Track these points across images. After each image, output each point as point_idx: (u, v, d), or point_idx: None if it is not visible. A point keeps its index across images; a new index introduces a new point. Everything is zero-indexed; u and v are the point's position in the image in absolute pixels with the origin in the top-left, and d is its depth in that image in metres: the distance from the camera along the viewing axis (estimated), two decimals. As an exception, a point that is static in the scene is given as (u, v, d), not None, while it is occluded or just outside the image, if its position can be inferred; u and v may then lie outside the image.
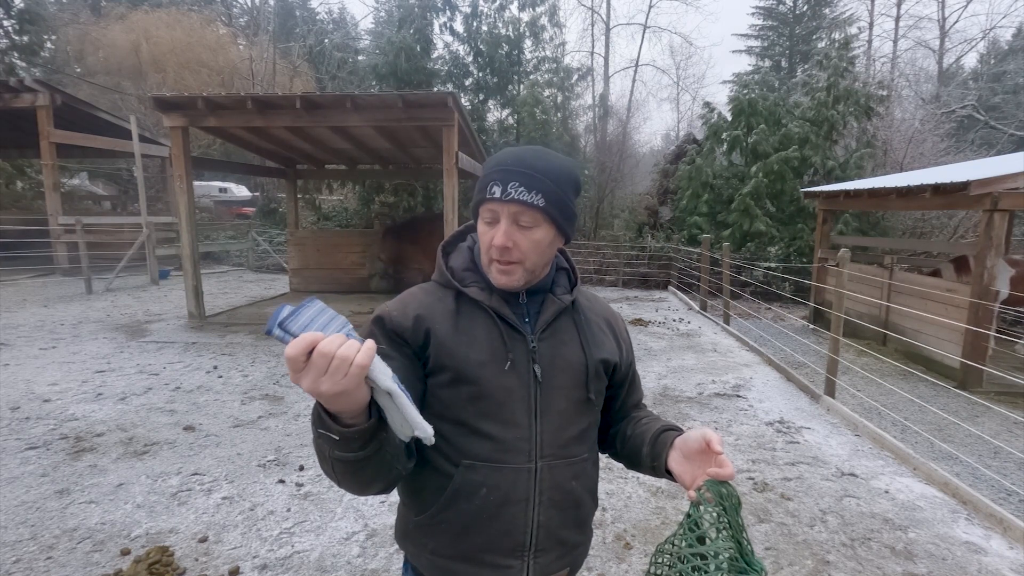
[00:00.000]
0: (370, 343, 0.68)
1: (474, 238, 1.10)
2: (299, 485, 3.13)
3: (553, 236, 0.96)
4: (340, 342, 0.66)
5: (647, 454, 1.01)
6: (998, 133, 18.35)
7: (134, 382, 4.84)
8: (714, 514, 0.84)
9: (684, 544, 0.85)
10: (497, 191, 0.91)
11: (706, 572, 0.81)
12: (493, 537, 0.95)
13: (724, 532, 0.83)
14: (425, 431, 0.75)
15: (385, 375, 0.71)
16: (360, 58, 20.29)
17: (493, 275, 0.97)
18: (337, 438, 0.73)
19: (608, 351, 1.05)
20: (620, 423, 1.14)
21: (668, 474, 0.96)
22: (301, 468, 3.33)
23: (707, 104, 13.01)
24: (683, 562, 0.84)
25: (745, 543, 0.85)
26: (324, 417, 0.73)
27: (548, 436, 0.97)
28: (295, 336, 0.66)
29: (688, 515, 0.87)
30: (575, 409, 1.01)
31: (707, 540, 0.83)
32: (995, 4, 40.36)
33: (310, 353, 0.65)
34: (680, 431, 0.99)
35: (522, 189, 0.90)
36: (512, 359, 0.95)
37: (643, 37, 27.86)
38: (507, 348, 0.95)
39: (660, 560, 0.90)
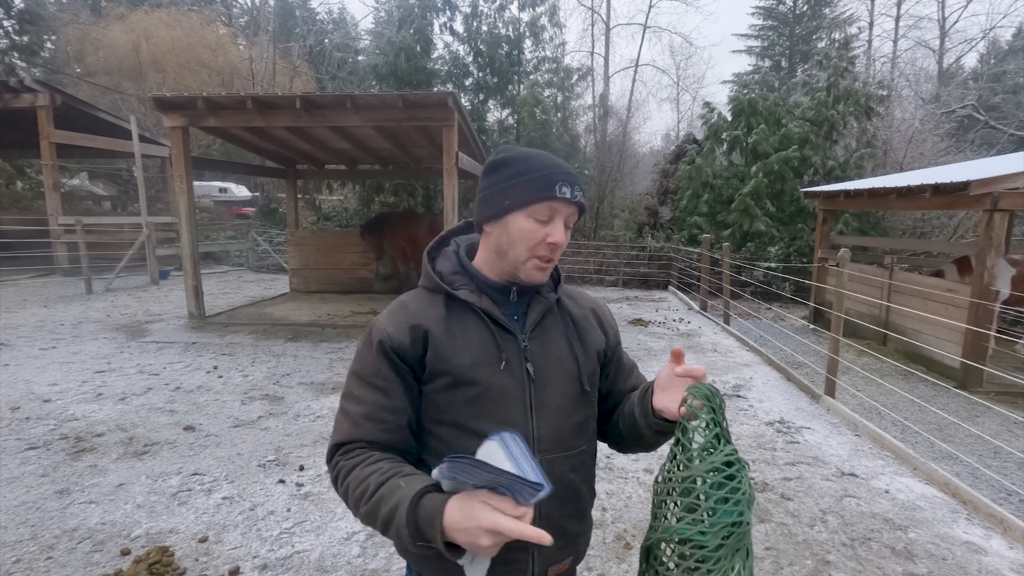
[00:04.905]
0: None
1: (458, 242, 1.11)
2: (299, 485, 3.13)
3: None
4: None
5: (639, 414, 1.01)
6: (998, 133, 18.35)
7: (134, 382, 4.84)
8: (706, 420, 0.84)
9: (696, 460, 0.84)
10: (567, 192, 0.96)
11: (710, 485, 0.81)
12: None
13: (720, 436, 0.84)
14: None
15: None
16: (360, 58, 20.27)
17: (530, 271, 0.99)
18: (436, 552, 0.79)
19: (596, 340, 1.09)
20: (616, 408, 1.14)
21: (660, 421, 0.97)
22: (301, 468, 3.33)
23: (707, 104, 12.99)
24: (694, 482, 0.84)
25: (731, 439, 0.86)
26: (416, 543, 0.79)
27: (545, 431, 0.99)
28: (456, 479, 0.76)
29: (678, 438, 0.87)
30: (571, 403, 1.03)
31: (701, 457, 0.83)
32: (995, 4, 40.38)
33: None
34: None
35: (580, 192, 0.98)
36: (506, 359, 0.97)
37: (643, 37, 27.87)
38: (500, 348, 0.98)
39: (666, 489, 0.88)
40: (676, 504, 0.85)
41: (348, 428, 0.95)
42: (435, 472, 0.79)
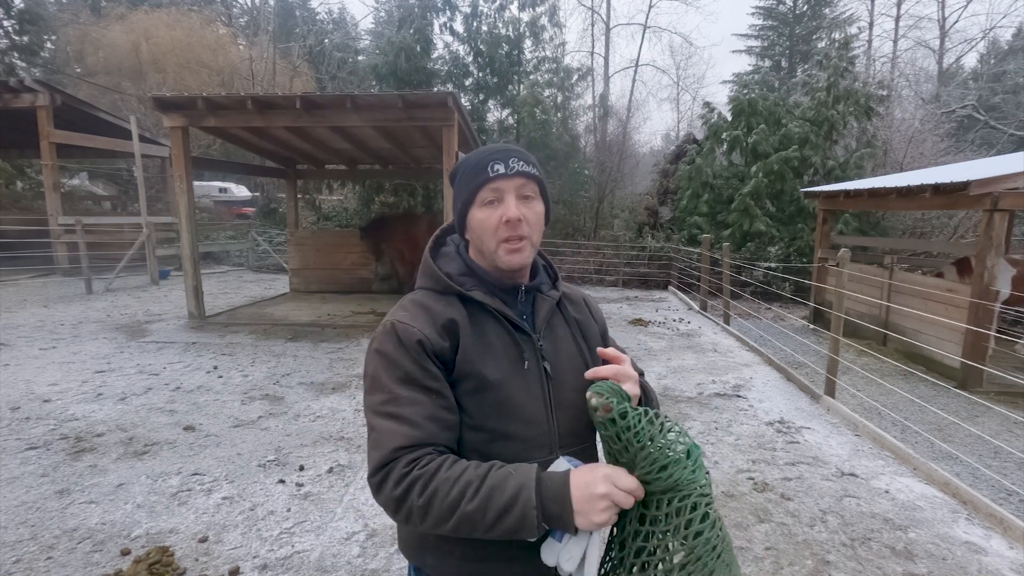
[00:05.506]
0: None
1: (455, 241, 1.10)
2: (299, 485, 3.13)
3: (543, 212, 1.02)
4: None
5: None
6: (998, 133, 18.35)
7: (134, 382, 4.84)
8: (603, 408, 0.87)
9: (634, 433, 0.84)
10: (501, 167, 0.96)
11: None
12: None
13: (643, 422, 0.85)
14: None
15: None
16: (360, 58, 20.26)
17: (502, 256, 0.97)
18: (530, 540, 0.84)
19: (594, 333, 1.13)
20: None
21: None
22: (301, 468, 3.33)
23: (707, 104, 12.99)
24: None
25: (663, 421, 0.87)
26: (541, 523, 0.82)
27: (564, 427, 1.01)
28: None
29: (601, 434, 0.90)
30: (583, 398, 1.03)
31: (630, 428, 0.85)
32: (995, 4, 40.35)
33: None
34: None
35: (522, 162, 0.98)
36: (527, 359, 0.99)
37: (643, 37, 27.86)
38: (521, 349, 0.99)
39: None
40: (653, 477, 0.82)
41: (406, 431, 0.88)
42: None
